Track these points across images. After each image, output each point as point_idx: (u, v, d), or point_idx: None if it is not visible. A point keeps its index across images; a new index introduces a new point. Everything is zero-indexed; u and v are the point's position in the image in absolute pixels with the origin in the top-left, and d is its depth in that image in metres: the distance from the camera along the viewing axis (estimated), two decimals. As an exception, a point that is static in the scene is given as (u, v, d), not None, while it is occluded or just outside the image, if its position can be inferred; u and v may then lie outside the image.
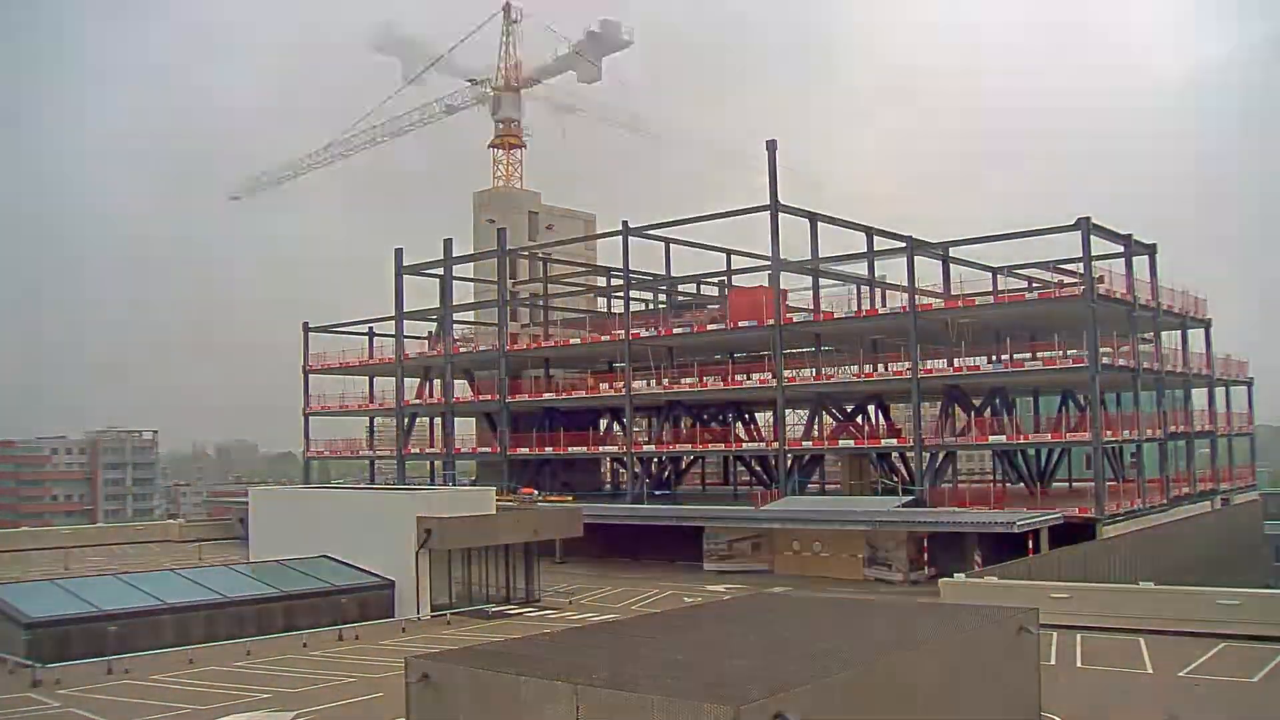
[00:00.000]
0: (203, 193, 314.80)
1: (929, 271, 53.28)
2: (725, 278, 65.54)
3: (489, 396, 65.29)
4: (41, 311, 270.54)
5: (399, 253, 69.26)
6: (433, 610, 36.30)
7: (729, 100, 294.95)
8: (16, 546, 59.20)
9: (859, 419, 56.04)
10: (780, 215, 52.10)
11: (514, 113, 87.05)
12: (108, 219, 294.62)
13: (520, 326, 69.57)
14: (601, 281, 72.95)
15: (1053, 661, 25.18)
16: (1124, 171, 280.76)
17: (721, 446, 61.15)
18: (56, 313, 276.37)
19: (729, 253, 63.72)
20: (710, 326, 55.56)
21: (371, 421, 78.84)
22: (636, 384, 57.39)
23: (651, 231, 59.62)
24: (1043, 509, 43.46)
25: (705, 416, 65.04)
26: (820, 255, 53.75)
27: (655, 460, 61.42)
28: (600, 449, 64.25)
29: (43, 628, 28.86)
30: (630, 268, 60.32)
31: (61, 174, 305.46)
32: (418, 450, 72.24)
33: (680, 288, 68.67)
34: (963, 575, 33.23)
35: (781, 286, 52.37)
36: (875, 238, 54.70)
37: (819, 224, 54.38)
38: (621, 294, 61.51)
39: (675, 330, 56.09)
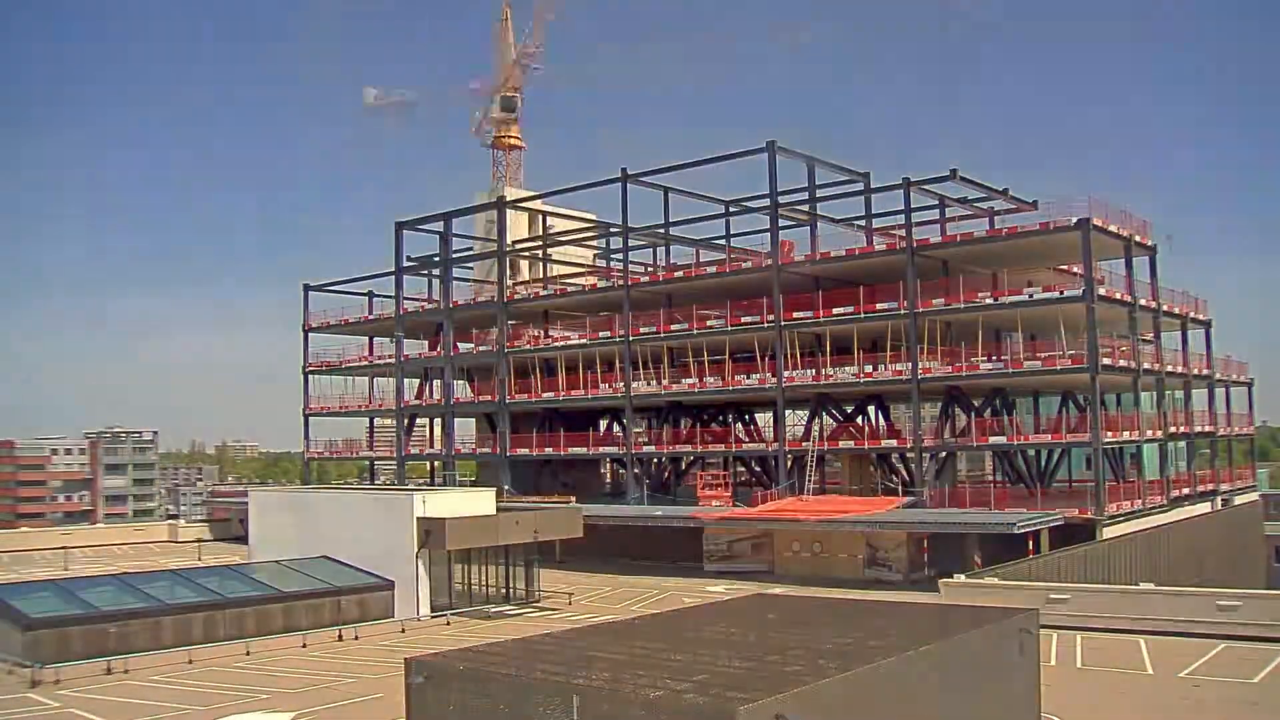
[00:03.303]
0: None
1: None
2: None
3: (489, 397, 65.30)
4: (42, 312, 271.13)
5: (399, 253, 69.36)
6: (433, 610, 36.30)
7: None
8: (16, 546, 59.24)
9: (859, 419, 56.06)
10: (780, 215, 52.33)
11: (513, 113, 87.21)
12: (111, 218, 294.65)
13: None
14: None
15: (1053, 662, 25.16)
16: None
17: (721, 447, 61.12)
18: (57, 312, 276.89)
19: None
20: (710, 325, 55.52)
21: (371, 422, 78.91)
22: (636, 384, 57.37)
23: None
24: (1043, 510, 43.45)
25: (705, 417, 65.06)
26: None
27: (655, 461, 61.40)
28: (600, 449, 64.24)
29: (43, 628, 28.82)
30: (629, 264, 60.33)
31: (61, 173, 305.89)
32: (418, 450, 72.24)
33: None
34: (963, 576, 33.25)
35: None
36: (875, 238, 54.77)
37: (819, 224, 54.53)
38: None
39: (673, 327, 55.98)
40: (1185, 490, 53.17)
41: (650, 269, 67.42)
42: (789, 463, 52.66)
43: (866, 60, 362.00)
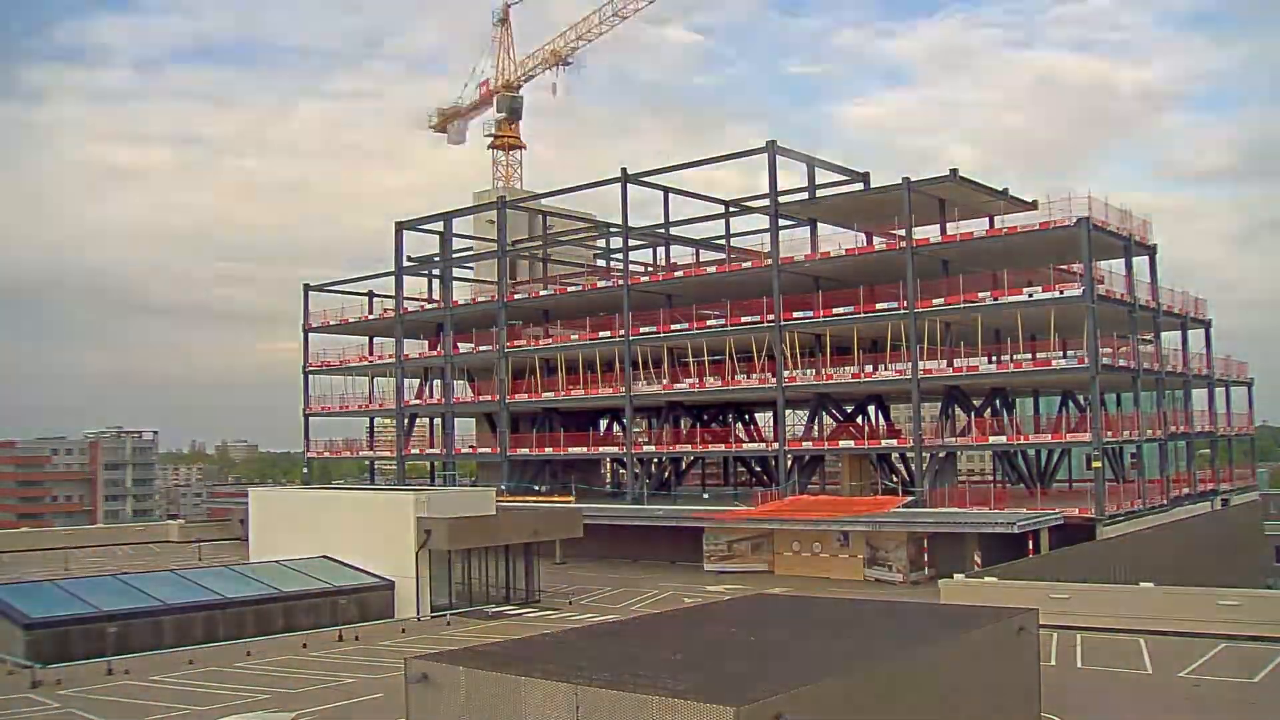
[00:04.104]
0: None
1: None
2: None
3: (489, 396, 65.30)
4: (41, 311, 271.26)
5: (399, 253, 69.37)
6: (433, 610, 36.30)
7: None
8: (16, 546, 59.23)
9: (859, 419, 56.06)
10: (780, 216, 52.37)
11: (513, 114, 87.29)
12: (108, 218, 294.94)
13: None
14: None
15: (1053, 661, 25.16)
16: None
17: (721, 447, 61.15)
18: (56, 312, 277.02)
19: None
20: (710, 325, 55.52)
21: (371, 422, 78.92)
22: (636, 384, 57.33)
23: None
24: (1043, 509, 43.44)
25: (705, 417, 65.07)
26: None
27: (655, 461, 61.36)
28: (600, 449, 64.23)
29: (43, 628, 28.86)
30: (629, 264, 60.25)
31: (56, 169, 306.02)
32: (418, 451, 72.23)
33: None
34: (963, 575, 33.24)
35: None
36: (874, 239, 54.76)
37: (819, 224, 54.54)
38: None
39: (673, 327, 55.97)
40: (1185, 490, 53.17)
41: (650, 269, 67.43)
42: (789, 463, 52.66)
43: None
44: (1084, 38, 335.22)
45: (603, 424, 68.73)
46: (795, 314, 51.32)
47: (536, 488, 61.64)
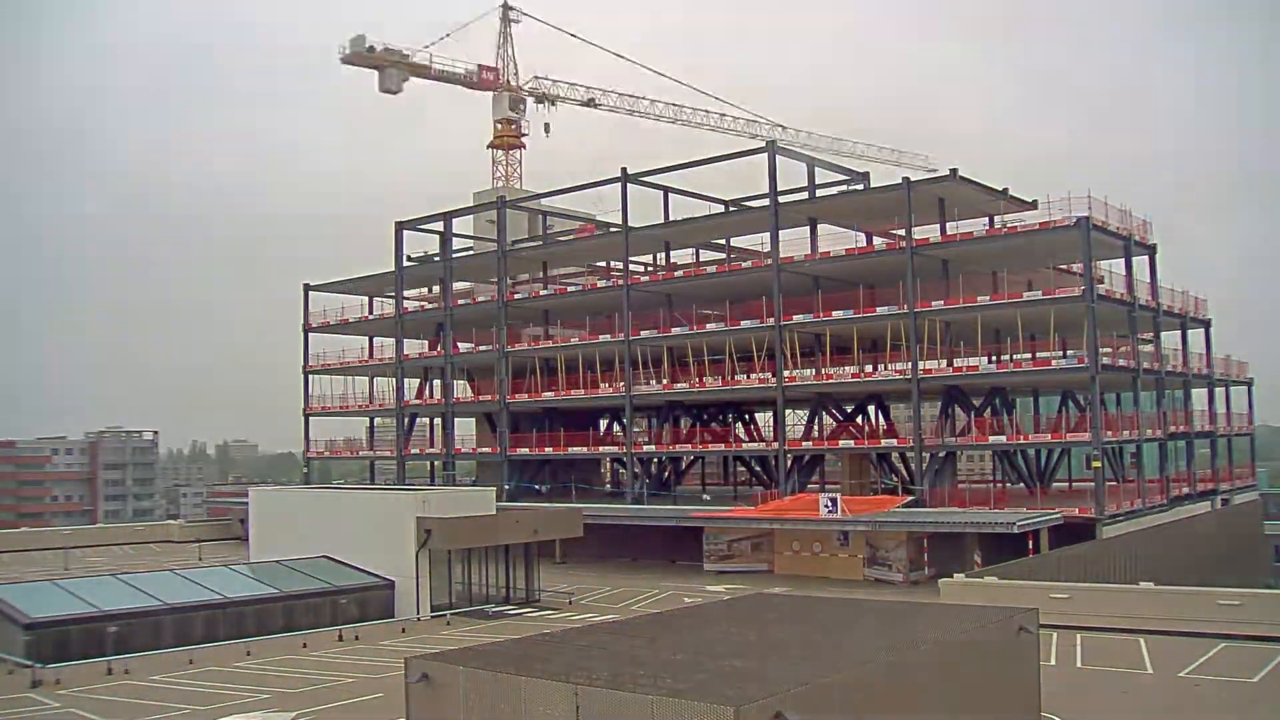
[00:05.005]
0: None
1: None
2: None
3: (489, 396, 65.31)
4: (41, 310, 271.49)
5: (399, 252, 69.35)
6: (433, 610, 36.32)
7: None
8: (16, 546, 59.29)
9: (859, 419, 56.06)
10: (780, 214, 52.36)
11: (513, 113, 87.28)
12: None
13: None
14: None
15: (1053, 661, 25.19)
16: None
17: (721, 447, 61.14)
18: (56, 311, 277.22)
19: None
20: (710, 326, 55.54)
21: (371, 422, 78.95)
22: (636, 384, 57.31)
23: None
24: (1043, 509, 43.46)
25: (705, 417, 65.05)
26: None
27: (655, 460, 61.38)
28: (600, 449, 64.24)
29: (43, 628, 28.89)
30: (629, 264, 60.23)
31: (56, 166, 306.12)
32: (418, 451, 72.26)
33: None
34: (963, 575, 33.26)
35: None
36: (874, 239, 54.81)
37: (819, 224, 54.52)
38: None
39: (675, 330, 55.99)
40: (1185, 490, 53.16)
41: (650, 269, 67.42)
42: (789, 463, 52.66)
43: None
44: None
45: (603, 424, 68.72)
46: (795, 315, 51.33)
47: (538, 488, 61.67)
